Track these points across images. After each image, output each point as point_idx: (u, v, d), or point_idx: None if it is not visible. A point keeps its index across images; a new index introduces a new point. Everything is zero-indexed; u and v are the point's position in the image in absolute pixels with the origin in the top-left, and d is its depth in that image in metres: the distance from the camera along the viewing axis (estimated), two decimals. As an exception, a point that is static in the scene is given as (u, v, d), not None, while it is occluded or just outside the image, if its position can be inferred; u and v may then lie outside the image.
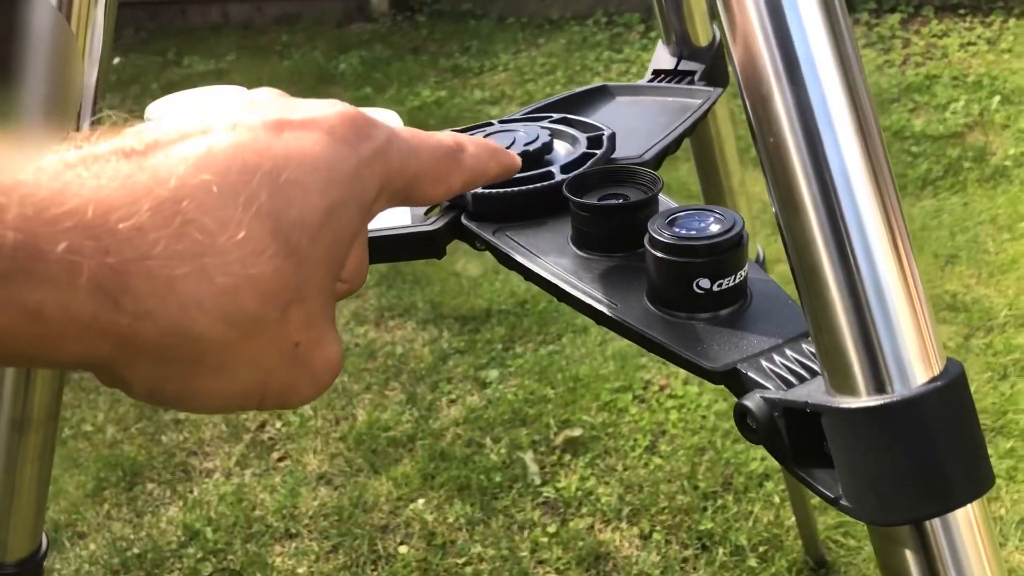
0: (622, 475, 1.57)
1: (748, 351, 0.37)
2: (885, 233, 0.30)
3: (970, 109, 2.74)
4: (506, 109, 3.34)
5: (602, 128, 0.53)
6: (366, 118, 0.31)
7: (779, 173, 0.30)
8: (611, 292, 0.41)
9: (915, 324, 0.31)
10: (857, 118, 0.30)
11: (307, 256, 0.28)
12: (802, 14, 0.29)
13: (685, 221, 0.39)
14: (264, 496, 1.63)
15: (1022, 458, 1.51)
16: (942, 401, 0.31)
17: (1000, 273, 1.99)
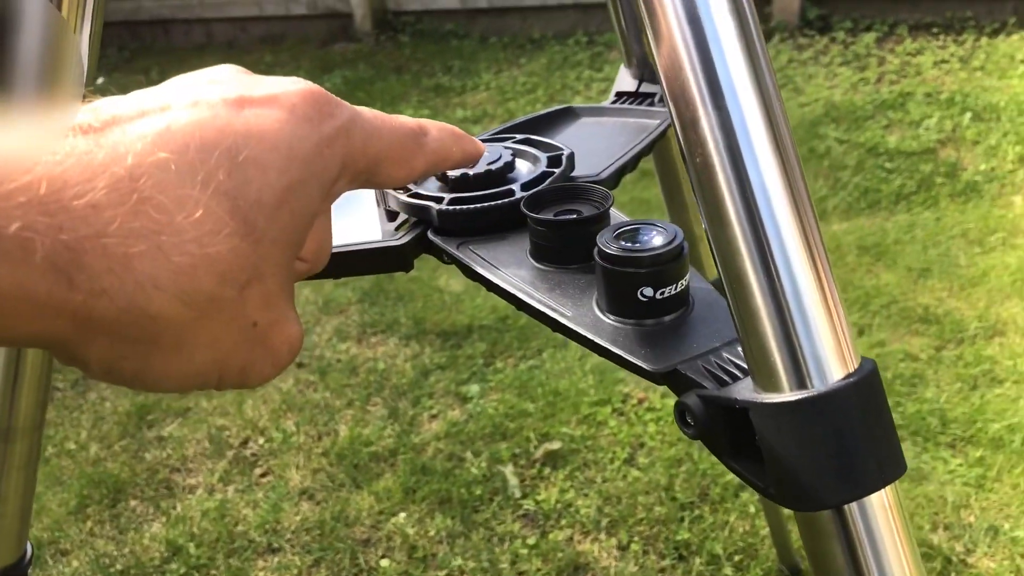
0: (601, 487, 1.59)
1: (687, 354, 0.39)
2: (802, 244, 0.33)
3: (943, 126, 2.80)
4: (488, 127, 3.37)
5: (561, 148, 0.56)
6: (328, 96, 0.31)
7: (706, 189, 0.33)
8: (565, 301, 0.44)
9: (831, 326, 0.34)
10: (775, 139, 0.33)
11: (265, 235, 0.27)
12: (724, 46, 0.32)
13: (631, 234, 0.42)
14: (247, 511, 1.64)
15: (991, 466, 1.54)
16: (856, 395, 0.33)
17: (971, 286, 2.03)
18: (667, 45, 0.33)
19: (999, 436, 1.60)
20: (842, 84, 3.26)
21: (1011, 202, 2.36)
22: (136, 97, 0.28)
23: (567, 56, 4.02)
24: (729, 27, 0.32)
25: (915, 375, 1.78)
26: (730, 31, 0.32)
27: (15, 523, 0.63)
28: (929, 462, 1.57)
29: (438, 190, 0.54)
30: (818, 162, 2.68)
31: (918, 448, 1.60)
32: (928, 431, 1.63)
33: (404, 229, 0.54)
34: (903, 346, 1.86)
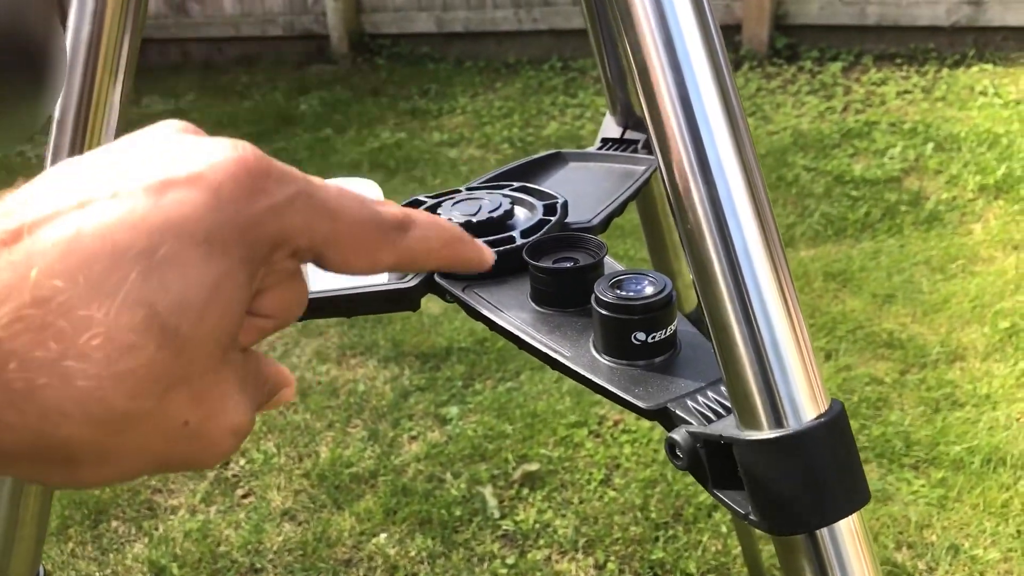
0: (578, 507, 1.63)
1: (676, 393, 0.44)
2: (780, 300, 0.38)
3: (906, 155, 2.89)
4: (464, 151, 3.43)
5: (556, 196, 0.61)
6: (269, 168, 0.28)
7: (695, 250, 0.38)
8: (564, 342, 0.49)
9: (804, 372, 0.38)
10: (756, 209, 0.38)
11: (190, 339, 0.26)
12: (712, 127, 0.37)
13: (625, 283, 0.47)
14: (229, 532, 1.66)
15: (952, 487, 1.60)
16: (827, 433, 0.38)
17: (933, 312, 2.10)
18: (663, 124, 0.38)
19: (960, 458, 1.66)
20: (809, 112, 3.35)
21: (971, 230, 2.45)
22: (55, 188, 0.26)
23: (542, 81, 4.09)
24: (717, 110, 0.37)
25: (880, 398, 1.84)
26: (718, 114, 0.37)
27: (31, 545, 0.66)
28: (893, 483, 1.62)
29: (442, 235, 0.58)
30: (786, 190, 2.76)
31: (883, 469, 1.66)
32: (892, 453, 1.69)
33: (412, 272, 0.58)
34: (868, 370, 1.93)
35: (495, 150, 3.41)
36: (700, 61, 0.37)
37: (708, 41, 0.37)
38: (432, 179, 3.18)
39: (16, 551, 0.64)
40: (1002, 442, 1.69)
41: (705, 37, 0.37)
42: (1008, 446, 1.68)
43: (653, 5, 0.37)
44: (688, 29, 0.37)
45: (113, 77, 0.55)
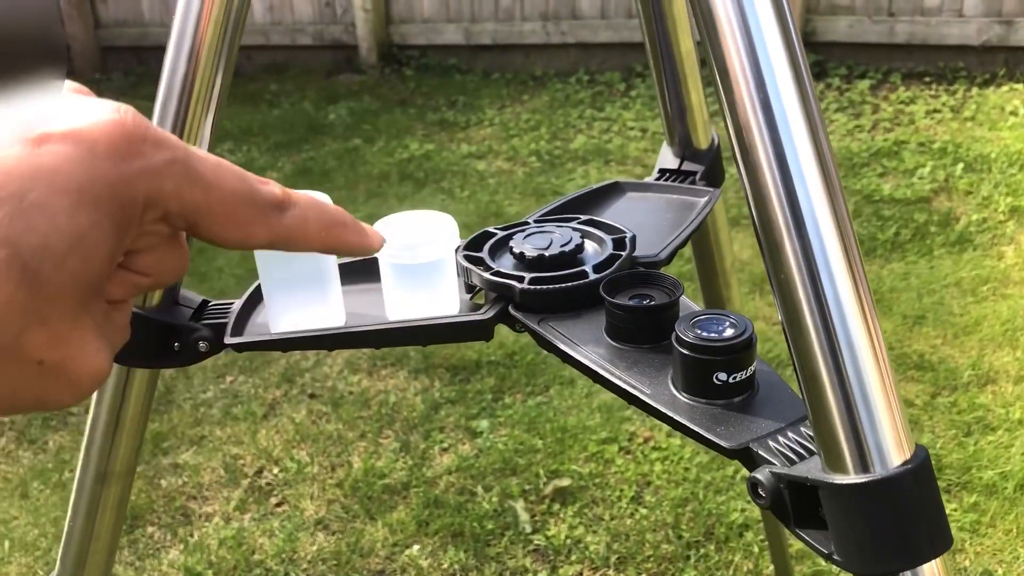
0: (609, 524, 1.64)
1: (757, 432, 0.45)
2: (870, 351, 0.39)
3: (936, 175, 2.89)
4: (492, 164, 3.45)
5: (624, 231, 0.62)
6: (145, 132, 0.30)
7: (787, 301, 0.40)
8: (642, 379, 0.50)
9: (891, 419, 0.40)
10: (848, 262, 0.39)
11: (49, 281, 0.27)
12: (807, 180, 0.39)
13: (705, 324, 0.48)
14: (263, 540, 1.68)
15: (985, 512, 1.60)
16: (913, 480, 0.39)
17: (964, 334, 2.10)
18: (759, 182, 0.39)
19: (992, 483, 1.66)
20: (838, 131, 3.35)
21: (1003, 252, 2.45)
22: None
23: (569, 94, 4.11)
24: (813, 169, 0.39)
25: (911, 421, 1.84)
26: (813, 173, 0.39)
27: (103, 558, 0.68)
28: (925, 506, 1.63)
29: (514, 268, 0.60)
30: (816, 208, 2.76)
31: (915, 492, 1.66)
32: (924, 476, 1.69)
33: (485, 303, 0.59)
34: (899, 392, 1.93)
35: (523, 163, 3.43)
36: (797, 122, 0.38)
37: (805, 100, 0.39)
38: (460, 191, 3.20)
39: (89, 564, 0.66)
40: (1035, 467, 1.69)
41: (802, 96, 0.39)
42: (1041, 472, 1.68)
43: (752, 66, 0.38)
44: (786, 90, 0.38)
45: (205, 111, 0.57)
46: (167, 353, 0.62)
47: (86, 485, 0.66)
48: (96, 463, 0.65)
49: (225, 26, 0.56)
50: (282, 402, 2.09)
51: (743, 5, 0.38)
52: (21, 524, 1.80)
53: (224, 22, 0.56)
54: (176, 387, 2.20)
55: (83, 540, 0.66)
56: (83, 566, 0.66)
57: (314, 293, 0.61)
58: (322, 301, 0.61)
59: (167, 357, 0.62)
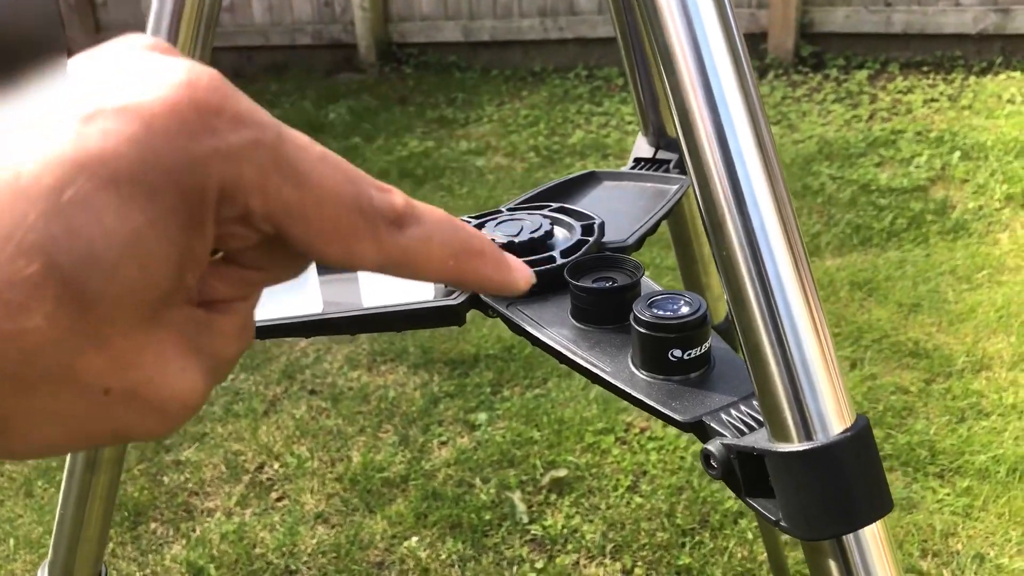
0: (605, 513, 1.66)
1: (711, 407, 0.47)
2: (809, 322, 0.41)
3: (932, 164, 2.89)
4: (491, 160, 3.46)
5: (593, 217, 0.64)
6: (222, 104, 0.23)
7: (731, 277, 0.41)
8: (603, 358, 0.52)
9: (832, 389, 0.41)
10: (787, 238, 0.41)
11: (100, 296, 0.22)
12: (747, 162, 0.40)
13: (661, 303, 0.50)
14: (264, 534, 1.70)
15: (977, 496, 1.62)
16: (853, 446, 0.41)
17: (959, 322, 2.11)
18: (701, 161, 0.41)
19: (985, 467, 1.67)
20: (835, 121, 3.36)
21: (998, 239, 2.45)
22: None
23: (568, 90, 4.12)
24: (751, 147, 0.40)
25: (905, 407, 1.85)
26: (752, 150, 0.40)
27: (94, 546, 0.70)
28: (919, 491, 1.64)
29: (486, 254, 0.61)
30: (812, 198, 2.78)
31: (908, 478, 1.67)
32: (918, 462, 1.70)
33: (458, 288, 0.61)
34: (894, 379, 1.94)
35: (521, 159, 3.44)
36: (736, 103, 0.40)
37: (743, 83, 0.40)
38: (459, 188, 3.22)
39: (81, 551, 0.68)
40: (1028, 452, 1.70)
41: (740, 79, 0.40)
42: (1034, 456, 1.69)
43: (692, 50, 0.40)
44: (724, 73, 0.40)
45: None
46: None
47: (76, 473, 0.68)
48: (85, 452, 0.67)
49: (198, 27, 0.57)
50: (282, 398, 2.11)
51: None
52: (25, 522, 1.82)
53: (196, 22, 0.57)
54: (178, 385, 2.22)
55: (74, 527, 0.68)
56: (75, 552, 0.68)
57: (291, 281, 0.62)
58: (299, 289, 0.63)
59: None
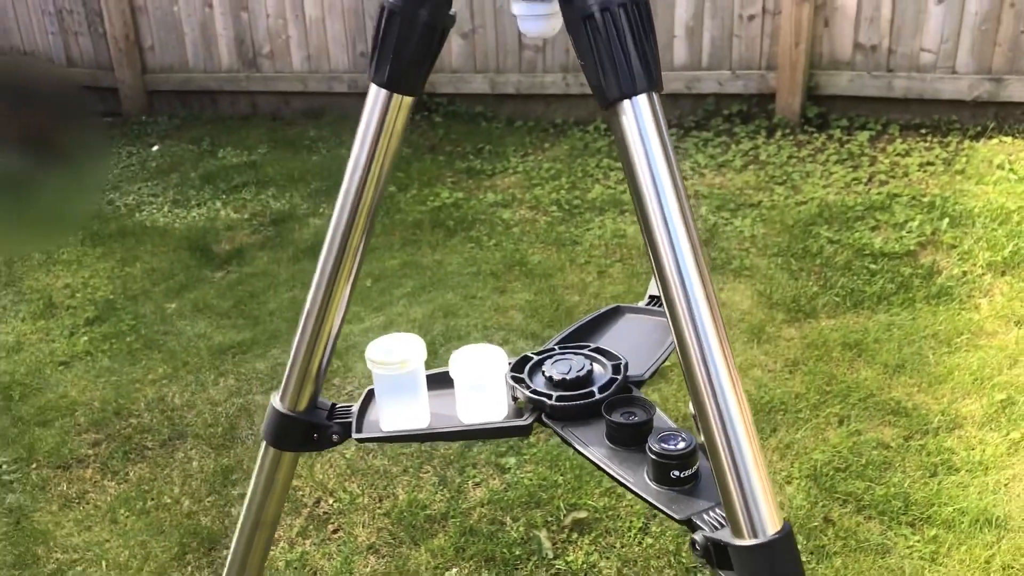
0: (620, 551, 1.92)
1: (697, 509, 0.74)
2: (753, 459, 0.67)
3: (923, 229, 3.15)
4: (517, 212, 3.74)
5: (620, 358, 0.91)
6: None
7: (702, 416, 0.68)
8: (627, 472, 0.78)
9: (768, 505, 0.68)
10: (735, 388, 0.67)
11: None
12: (704, 324, 0.67)
13: (667, 439, 0.77)
14: (324, 563, 1.97)
15: (943, 544, 1.86)
16: (783, 543, 0.68)
17: (938, 383, 2.37)
18: (675, 315, 0.68)
19: (951, 518, 1.92)
20: (836, 184, 3.62)
21: (978, 305, 2.71)
22: None
23: (587, 143, 4.40)
24: (707, 312, 0.67)
25: (885, 461, 2.11)
26: (706, 313, 0.67)
27: (262, 549, 0.97)
28: (892, 538, 1.89)
29: (546, 387, 0.88)
30: (811, 260, 3.04)
31: (884, 526, 1.93)
32: (893, 511, 1.96)
33: (525, 410, 0.88)
34: (877, 435, 2.20)
35: (544, 212, 3.72)
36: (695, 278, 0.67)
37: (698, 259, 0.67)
38: (488, 240, 3.49)
39: (253, 551, 0.95)
40: (989, 505, 1.95)
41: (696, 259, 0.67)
42: (995, 509, 1.94)
43: (650, 183, 0.67)
44: (686, 255, 0.67)
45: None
46: (309, 441, 0.91)
47: (245, 531, 0.94)
48: (255, 515, 0.94)
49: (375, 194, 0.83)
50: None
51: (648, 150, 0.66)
52: (113, 547, 2.09)
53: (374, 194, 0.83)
54: (239, 424, 2.50)
55: (252, 531, 0.94)
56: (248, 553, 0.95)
57: (410, 398, 0.89)
58: (415, 403, 0.90)
59: (308, 444, 0.91)
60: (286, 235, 3.79)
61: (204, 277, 3.50)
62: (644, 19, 0.66)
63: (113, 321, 3.18)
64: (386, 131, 0.78)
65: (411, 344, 0.88)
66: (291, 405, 0.88)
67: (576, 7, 0.65)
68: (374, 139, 0.79)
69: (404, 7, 0.73)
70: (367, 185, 0.81)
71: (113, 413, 2.62)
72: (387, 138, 0.78)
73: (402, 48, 0.73)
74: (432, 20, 0.73)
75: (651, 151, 0.66)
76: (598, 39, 0.65)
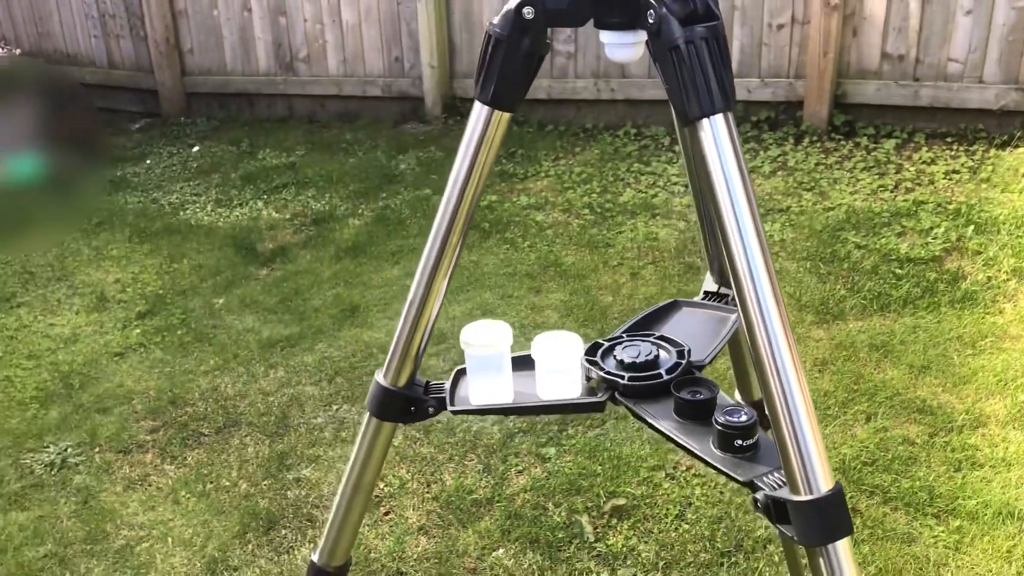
0: (658, 536, 2.03)
1: (758, 472, 0.85)
2: (809, 423, 0.78)
3: (948, 236, 3.24)
4: (550, 215, 3.85)
5: (683, 344, 1.02)
6: None
7: (764, 386, 0.79)
8: (695, 440, 0.89)
9: (823, 465, 0.79)
10: (793, 359, 0.78)
11: None
12: (770, 313, 0.78)
13: (730, 412, 0.88)
14: (377, 542, 2.09)
15: (966, 534, 1.96)
16: (835, 498, 0.78)
17: (962, 383, 2.46)
18: (746, 306, 0.79)
19: (975, 510, 2.02)
20: (863, 190, 3.72)
21: (1002, 309, 2.80)
22: None
23: (617, 148, 4.51)
24: (772, 303, 0.78)
25: (911, 457, 2.21)
26: (772, 306, 0.78)
27: (351, 534, 1.08)
28: (918, 528, 1.99)
29: (617, 368, 1.00)
30: (839, 264, 3.14)
31: (910, 516, 2.03)
32: (919, 503, 2.05)
33: (599, 389, 0.99)
34: (903, 432, 2.29)
35: (577, 215, 3.83)
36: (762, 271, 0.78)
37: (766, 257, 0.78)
38: (522, 242, 3.61)
39: (351, 514, 1.06)
40: (1012, 499, 2.05)
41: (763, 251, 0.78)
42: (1017, 503, 2.04)
43: (736, 229, 0.78)
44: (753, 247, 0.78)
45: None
46: (407, 413, 1.03)
47: (346, 495, 1.06)
48: (355, 478, 1.06)
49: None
50: (382, 429, 2.50)
51: (723, 163, 0.77)
52: (177, 525, 2.22)
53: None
54: (291, 413, 2.63)
55: (340, 530, 1.06)
56: (339, 539, 1.07)
57: (496, 375, 1.01)
58: (501, 380, 1.02)
59: (407, 416, 1.03)
60: (327, 235, 3.92)
61: (249, 274, 3.64)
62: (722, 49, 0.77)
63: (164, 315, 3.32)
64: (486, 142, 0.90)
65: (499, 329, 0.99)
66: (393, 380, 1.00)
67: (664, 40, 0.76)
68: (475, 149, 0.90)
69: (509, 36, 0.84)
70: (467, 190, 0.93)
71: (169, 402, 2.75)
72: (487, 149, 0.90)
73: (506, 71, 0.85)
74: (533, 48, 0.85)
75: (726, 163, 0.77)
76: (683, 67, 0.76)
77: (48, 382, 2.92)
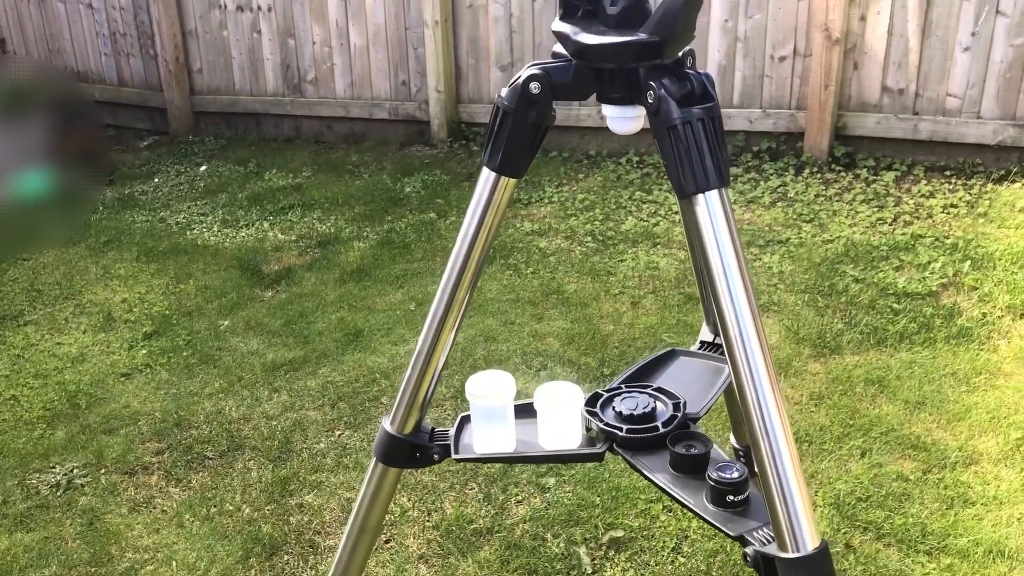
0: (655, 569, 2.06)
1: (749, 527, 0.89)
2: (796, 481, 0.83)
3: (945, 271, 3.28)
4: (552, 242, 3.90)
5: (679, 397, 1.06)
6: None
7: (753, 443, 0.83)
8: (688, 493, 0.94)
9: (809, 524, 0.83)
10: (781, 418, 0.83)
11: None
12: (758, 370, 0.83)
13: (723, 469, 0.92)
14: (378, 570, 2.12)
15: (957, 572, 2.00)
16: (821, 556, 0.83)
17: (956, 420, 2.50)
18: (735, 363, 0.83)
19: (966, 548, 2.05)
20: (862, 223, 3.76)
21: (997, 346, 2.84)
22: None
23: (620, 175, 4.57)
24: (760, 362, 0.83)
25: (904, 493, 2.24)
26: (761, 366, 0.83)
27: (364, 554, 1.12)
28: (910, 565, 2.02)
29: (616, 420, 1.04)
30: (837, 298, 3.18)
31: (902, 553, 2.06)
32: (911, 540, 2.09)
33: (598, 440, 1.04)
34: (897, 468, 2.33)
35: (580, 242, 3.88)
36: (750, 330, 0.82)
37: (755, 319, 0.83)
38: (525, 268, 3.66)
39: (357, 553, 1.10)
40: (1003, 537, 2.08)
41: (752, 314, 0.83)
42: (1008, 541, 2.07)
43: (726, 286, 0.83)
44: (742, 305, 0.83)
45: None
46: (412, 459, 1.07)
47: (352, 535, 1.10)
48: (361, 521, 1.10)
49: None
50: (384, 455, 2.54)
51: (717, 236, 0.82)
52: (181, 549, 2.26)
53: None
54: (294, 438, 2.67)
55: (347, 567, 1.10)
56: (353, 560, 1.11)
57: (500, 425, 1.05)
58: (504, 430, 1.06)
59: (412, 461, 1.07)
60: (332, 257, 3.97)
61: (255, 296, 3.68)
62: (717, 129, 0.82)
63: (170, 336, 3.37)
64: (493, 205, 0.94)
65: (503, 380, 1.04)
66: (399, 428, 1.05)
67: (662, 119, 0.81)
68: (483, 211, 0.95)
69: (516, 109, 0.89)
70: (475, 249, 0.97)
71: (174, 424, 2.79)
72: (494, 211, 0.95)
73: (513, 141, 0.90)
74: (539, 120, 0.90)
75: (720, 237, 0.82)
76: (679, 145, 0.81)
77: (55, 402, 2.96)
